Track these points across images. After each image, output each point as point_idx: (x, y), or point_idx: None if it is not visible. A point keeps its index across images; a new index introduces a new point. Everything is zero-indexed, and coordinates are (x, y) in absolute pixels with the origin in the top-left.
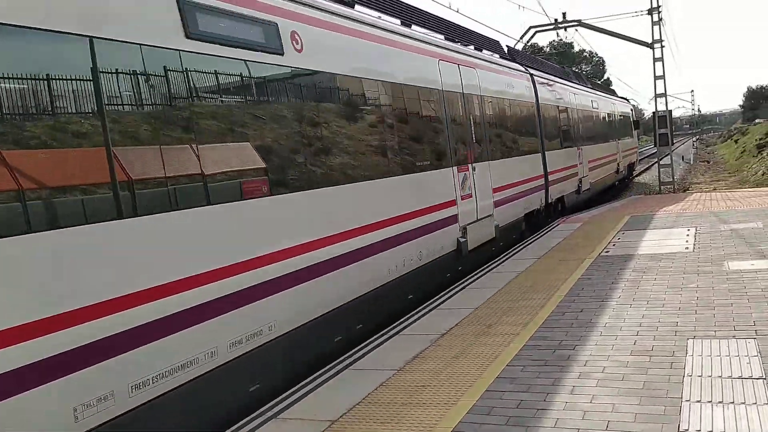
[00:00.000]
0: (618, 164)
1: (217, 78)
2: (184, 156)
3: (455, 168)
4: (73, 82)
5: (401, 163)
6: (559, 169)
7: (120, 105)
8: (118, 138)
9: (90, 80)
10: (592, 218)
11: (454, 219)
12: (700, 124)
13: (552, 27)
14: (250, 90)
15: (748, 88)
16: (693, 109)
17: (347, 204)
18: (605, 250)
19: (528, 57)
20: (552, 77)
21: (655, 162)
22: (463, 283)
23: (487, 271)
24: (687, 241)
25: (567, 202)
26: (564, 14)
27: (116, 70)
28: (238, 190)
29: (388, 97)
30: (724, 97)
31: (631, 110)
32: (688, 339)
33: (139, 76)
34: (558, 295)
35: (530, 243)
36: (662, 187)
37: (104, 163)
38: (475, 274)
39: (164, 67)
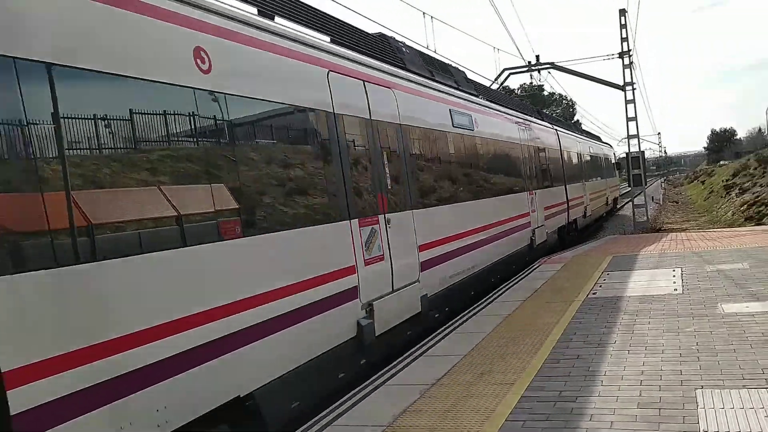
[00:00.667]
0: (607, 197)
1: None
2: None
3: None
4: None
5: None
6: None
7: None
8: None
9: None
10: (574, 258)
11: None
12: (666, 165)
13: (525, 69)
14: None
15: (711, 131)
16: (660, 151)
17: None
18: (592, 291)
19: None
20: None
21: (628, 201)
22: (448, 327)
23: (472, 315)
24: (675, 283)
25: (579, 223)
26: (537, 57)
27: None
28: None
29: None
30: (688, 140)
31: (614, 153)
32: (695, 389)
33: None
34: (551, 339)
35: (513, 284)
36: (637, 226)
37: None
38: (459, 318)
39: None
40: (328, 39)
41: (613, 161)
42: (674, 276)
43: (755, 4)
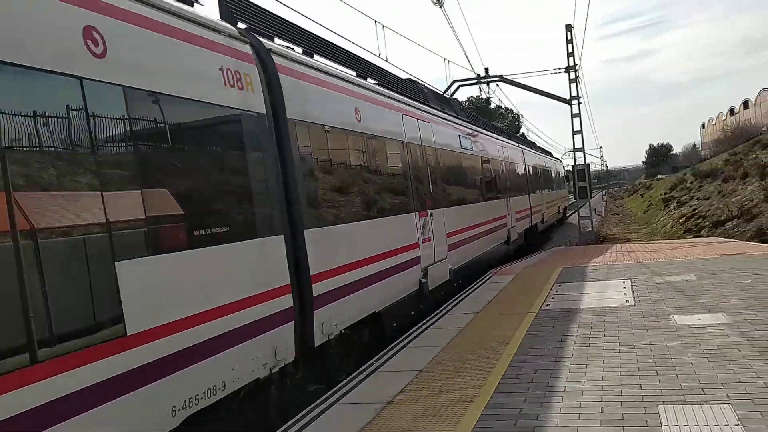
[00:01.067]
0: (559, 207)
1: None
2: None
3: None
4: None
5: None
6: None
7: None
8: None
9: None
10: (524, 270)
11: None
12: (607, 178)
13: (475, 81)
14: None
15: (650, 146)
16: (602, 165)
17: None
18: (545, 303)
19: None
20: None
21: (574, 212)
22: (403, 340)
23: (426, 328)
24: (626, 294)
25: (538, 228)
26: (486, 69)
27: None
28: None
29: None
30: (627, 154)
31: (563, 167)
32: (657, 405)
33: None
34: (507, 353)
35: (465, 296)
36: (582, 237)
37: None
38: (415, 330)
39: None
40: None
41: (562, 174)
42: (624, 288)
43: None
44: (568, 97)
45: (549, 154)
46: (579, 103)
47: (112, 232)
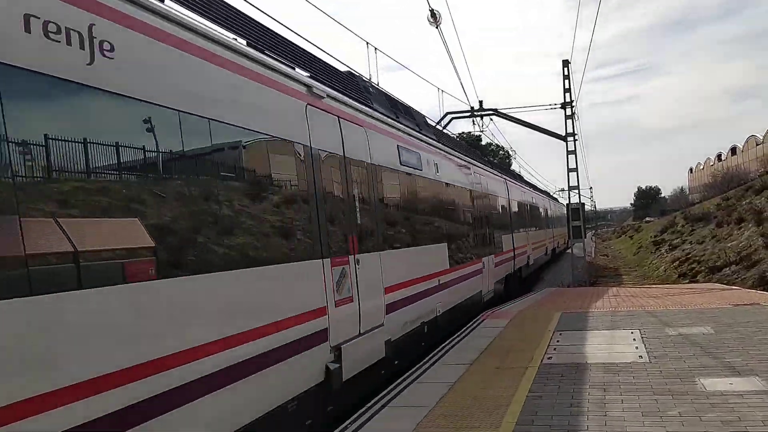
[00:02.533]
0: (565, 239)
1: None
2: None
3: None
4: None
5: None
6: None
7: None
8: None
9: None
10: (519, 314)
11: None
12: (595, 219)
13: (468, 114)
14: None
15: (638, 188)
16: (592, 205)
17: None
18: (547, 356)
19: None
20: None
21: (566, 248)
22: (383, 398)
23: (412, 381)
24: (637, 348)
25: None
26: (481, 102)
27: None
28: None
29: None
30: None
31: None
32: None
33: None
34: (507, 422)
35: (456, 343)
36: (575, 278)
37: None
38: (397, 385)
39: None
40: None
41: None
42: (635, 340)
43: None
44: (563, 134)
45: (555, 199)
46: (575, 140)
47: None
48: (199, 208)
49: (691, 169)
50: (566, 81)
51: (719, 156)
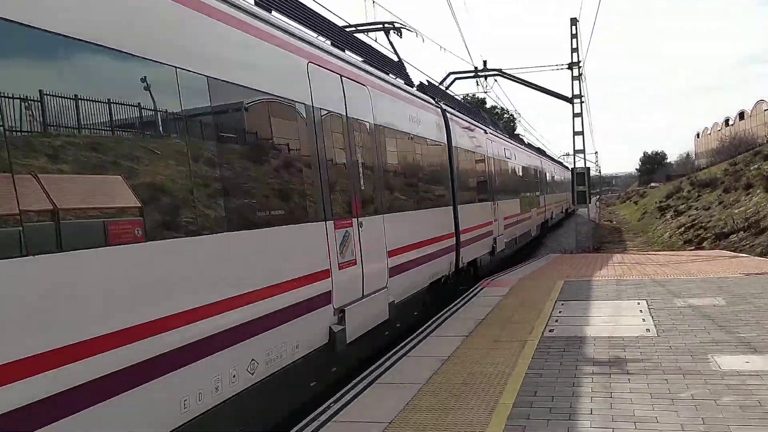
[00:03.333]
0: (569, 204)
1: None
2: None
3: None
4: None
5: None
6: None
7: None
8: None
9: None
10: (519, 282)
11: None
12: (600, 184)
13: (472, 74)
14: None
15: (644, 153)
16: (597, 170)
17: None
18: (548, 328)
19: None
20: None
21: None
22: (371, 373)
23: (402, 355)
24: (644, 321)
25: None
26: (485, 62)
27: None
28: None
29: None
30: (619, 161)
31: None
32: None
33: None
34: (503, 404)
35: (453, 313)
36: (578, 245)
37: None
38: (388, 358)
39: None
40: None
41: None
42: (641, 311)
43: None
44: (570, 95)
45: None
46: (581, 102)
47: None
48: (194, 169)
49: (698, 134)
50: (574, 40)
51: (726, 121)
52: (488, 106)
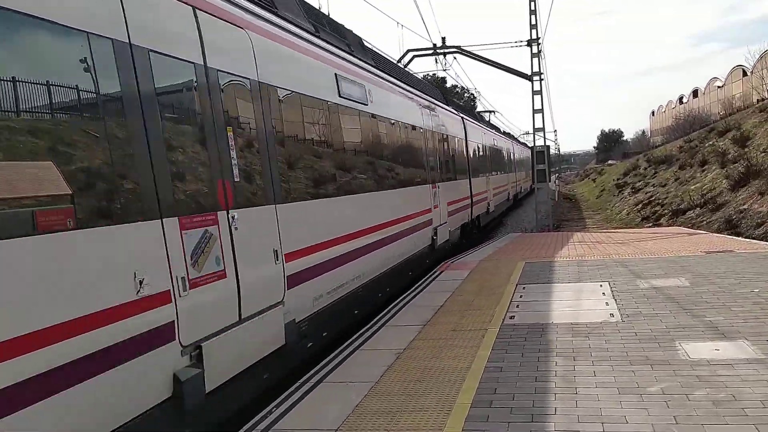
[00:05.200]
0: (529, 183)
1: None
2: None
3: None
4: None
5: None
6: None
7: None
8: None
9: None
10: (480, 264)
11: None
12: (559, 162)
13: (431, 52)
14: None
15: (601, 131)
16: (556, 148)
17: None
18: (509, 314)
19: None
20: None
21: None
22: (319, 371)
23: (355, 348)
24: (608, 305)
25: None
26: (444, 39)
27: None
28: None
29: None
30: (578, 139)
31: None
32: None
33: None
34: (461, 404)
35: (411, 299)
36: (539, 223)
37: None
38: (340, 352)
39: None
40: None
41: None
42: (604, 294)
43: (640, 17)
44: (529, 73)
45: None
46: (541, 80)
47: None
48: None
49: (653, 112)
50: (532, 16)
51: (681, 99)
52: (448, 85)
